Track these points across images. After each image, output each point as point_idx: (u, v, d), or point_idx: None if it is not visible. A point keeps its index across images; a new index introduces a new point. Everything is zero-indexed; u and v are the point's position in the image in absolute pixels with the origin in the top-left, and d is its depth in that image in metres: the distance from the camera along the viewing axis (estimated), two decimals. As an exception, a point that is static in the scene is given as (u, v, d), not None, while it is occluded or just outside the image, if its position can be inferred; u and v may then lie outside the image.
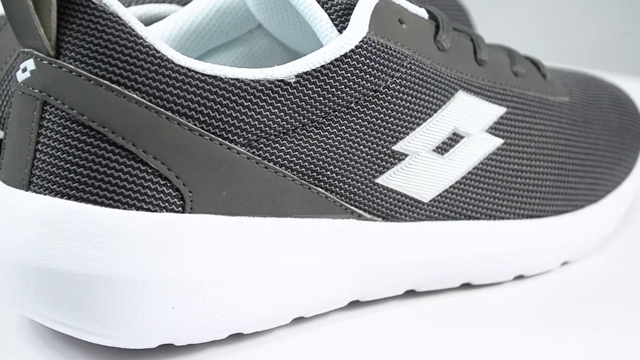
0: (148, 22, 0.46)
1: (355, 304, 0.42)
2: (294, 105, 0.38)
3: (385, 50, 0.39)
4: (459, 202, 0.43)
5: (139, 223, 0.35)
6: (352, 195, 0.40)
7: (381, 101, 0.39)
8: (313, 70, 0.38)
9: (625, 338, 0.41)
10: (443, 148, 0.42)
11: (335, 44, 0.38)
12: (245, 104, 0.37)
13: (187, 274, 0.36)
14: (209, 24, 0.44)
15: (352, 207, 0.40)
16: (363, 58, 0.39)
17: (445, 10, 0.56)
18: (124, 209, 0.35)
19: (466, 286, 0.44)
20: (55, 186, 0.35)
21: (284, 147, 0.38)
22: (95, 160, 0.35)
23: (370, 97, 0.39)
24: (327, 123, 0.38)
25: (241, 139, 0.37)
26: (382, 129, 0.40)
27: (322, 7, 0.39)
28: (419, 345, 0.40)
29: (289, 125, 0.38)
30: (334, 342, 0.40)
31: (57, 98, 0.35)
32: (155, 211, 0.36)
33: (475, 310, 0.43)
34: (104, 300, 0.35)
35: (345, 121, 0.39)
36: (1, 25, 0.47)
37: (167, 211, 0.36)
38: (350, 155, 0.39)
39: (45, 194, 0.35)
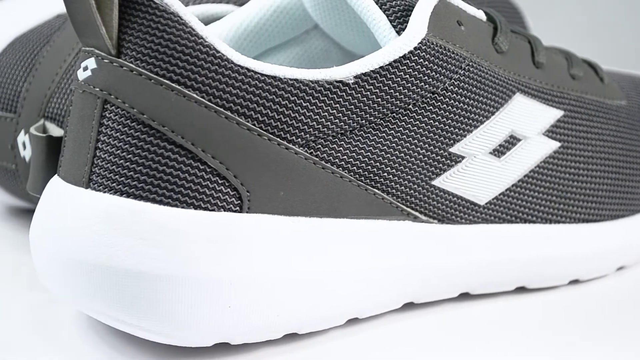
0: (205, 22, 0.46)
1: (409, 306, 0.42)
2: (352, 107, 0.38)
3: (444, 52, 0.39)
4: (515, 205, 0.42)
5: (197, 222, 0.35)
6: (408, 197, 0.40)
7: (439, 103, 0.39)
8: (372, 71, 0.38)
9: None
10: (500, 151, 0.41)
11: (394, 46, 0.38)
12: (304, 104, 0.37)
13: (244, 273, 0.36)
14: (266, 24, 0.44)
15: (408, 209, 0.40)
16: (422, 60, 0.38)
17: (500, 13, 0.56)
18: (183, 207, 0.36)
19: (520, 290, 0.44)
20: (114, 184, 0.36)
21: (341, 148, 0.38)
22: (154, 159, 0.35)
23: (428, 99, 0.39)
24: (384, 124, 0.38)
25: (299, 140, 0.37)
26: (439, 130, 0.39)
27: (381, 9, 0.39)
28: (472, 348, 0.40)
29: (346, 127, 0.38)
30: (387, 343, 0.40)
31: (118, 97, 0.35)
32: (213, 210, 0.36)
33: (529, 315, 0.42)
34: (161, 298, 0.35)
35: (403, 123, 0.39)
36: (60, 24, 0.48)
37: (224, 210, 0.36)
38: (407, 156, 0.39)
39: (104, 192, 0.36)
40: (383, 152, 0.38)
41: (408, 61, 0.38)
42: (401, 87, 0.38)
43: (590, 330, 0.41)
